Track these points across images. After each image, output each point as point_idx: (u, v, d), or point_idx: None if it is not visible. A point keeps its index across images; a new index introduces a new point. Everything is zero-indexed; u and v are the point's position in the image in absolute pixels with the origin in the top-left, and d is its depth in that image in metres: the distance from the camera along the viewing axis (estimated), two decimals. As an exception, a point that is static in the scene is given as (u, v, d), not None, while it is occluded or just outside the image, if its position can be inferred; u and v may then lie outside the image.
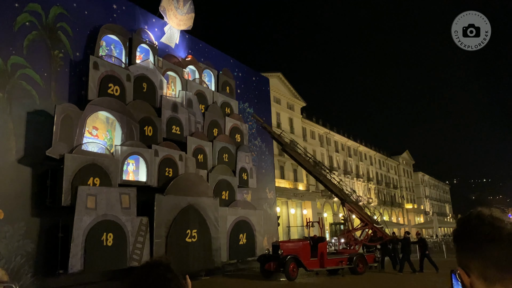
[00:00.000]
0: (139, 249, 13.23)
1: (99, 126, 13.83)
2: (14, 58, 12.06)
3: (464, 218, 1.25)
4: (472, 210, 1.24)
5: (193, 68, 19.24)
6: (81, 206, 11.77)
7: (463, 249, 1.21)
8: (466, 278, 1.18)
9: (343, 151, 58.97)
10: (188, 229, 14.93)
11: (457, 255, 1.24)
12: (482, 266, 1.14)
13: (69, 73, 13.64)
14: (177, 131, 16.62)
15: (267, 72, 37.54)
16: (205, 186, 16.42)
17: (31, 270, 11.32)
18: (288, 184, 41.91)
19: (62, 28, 13.64)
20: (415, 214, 78.41)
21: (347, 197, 20.24)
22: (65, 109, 12.45)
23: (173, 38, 18.72)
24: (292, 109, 47.25)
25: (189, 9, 19.57)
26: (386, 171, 73.35)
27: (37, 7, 12.95)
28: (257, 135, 23.07)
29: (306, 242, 16.51)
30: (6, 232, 10.90)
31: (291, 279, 14.80)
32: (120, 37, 15.42)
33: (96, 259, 11.91)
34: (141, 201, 13.74)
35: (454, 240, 1.26)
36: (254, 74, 25.04)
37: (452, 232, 1.29)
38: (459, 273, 1.21)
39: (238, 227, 17.71)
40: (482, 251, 1.14)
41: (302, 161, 20.52)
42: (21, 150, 11.77)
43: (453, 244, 1.28)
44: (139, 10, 17.25)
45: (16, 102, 11.87)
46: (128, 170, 14.20)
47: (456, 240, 1.24)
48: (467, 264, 1.18)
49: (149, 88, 15.95)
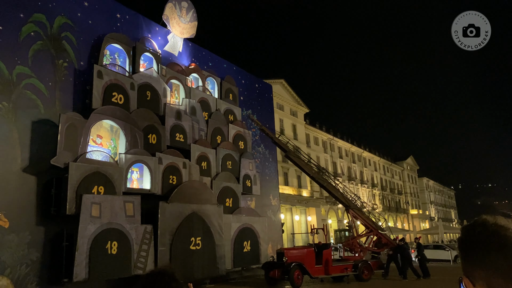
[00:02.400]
0: (143, 257, 13.21)
1: (103, 135, 13.89)
2: (19, 68, 12.17)
3: (469, 226, 1.23)
4: (477, 218, 1.23)
5: (196, 76, 19.33)
6: (85, 214, 11.78)
7: (467, 258, 1.20)
8: (471, 286, 1.17)
9: (347, 157, 58.85)
10: (192, 236, 14.91)
11: (462, 262, 1.23)
12: (487, 276, 1.12)
13: (74, 82, 13.73)
14: (180, 138, 16.66)
15: (270, 78, 37.68)
16: (209, 194, 16.41)
17: (36, 279, 11.32)
18: (292, 190, 41.82)
19: (66, 37, 13.76)
20: (420, 220, 77.91)
21: (351, 203, 20.16)
22: (69, 118, 12.53)
23: (176, 46, 18.85)
24: (296, 116, 47.28)
25: (192, 18, 19.72)
26: (390, 177, 73.08)
27: (42, 17, 13.09)
28: (260, 141, 23.08)
29: (311, 249, 16.44)
30: (11, 241, 10.92)
31: (296, 287, 14.70)
32: (124, 45, 15.54)
33: (100, 267, 11.90)
34: (145, 209, 13.74)
35: (459, 248, 1.25)
36: (257, 81, 25.12)
37: (457, 240, 1.29)
38: (464, 281, 1.20)
39: (242, 235, 17.66)
40: (487, 260, 1.13)
41: (303, 166, 20.48)
42: (26, 159, 11.83)
43: (458, 252, 1.28)
44: (143, 19, 17.40)
45: (21, 112, 11.96)
46: (132, 178, 14.23)
47: (461, 248, 1.23)
48: (472, 273, 1.17)
49: (153, 96, 16.03)
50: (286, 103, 45.63)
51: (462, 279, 1.24)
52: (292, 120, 46.32)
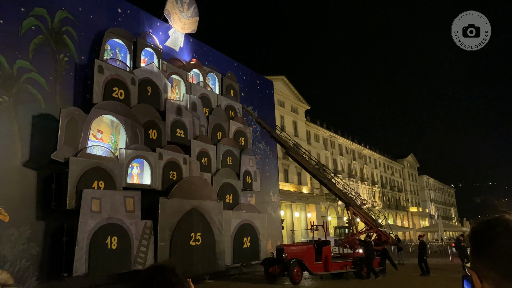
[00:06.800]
0: (143, 252, 13.23)
1: (103, 130, 13.88)
2: (20, 62, 12.14)
3: (488, 224, 1.18)
4: (498, 216, 1.18)
5: (197, 71, 19.29)
6: (85, 209, 11.79)
7: (480, 255, 1.15)
8: (478, 283, 1.14)
9: (348, 154, 58.85)
10: (192, 232, 14.92)
11: (472, 257, 1.19)
12: (498, 278, 1.09)
13: (74, 76, 13.71)
14: (181, 134, 16.65)
15: (271, 75, 37.59)
16: (209, 190, 16.42)
17: (35, 273, 11.34)
18: (292, 187, 41.85)
19: (67, 32, 13.72)
20: (420, 217, 77.99)
21: (351, 201, 20.16)
22: (70, 113, 12.51)
23: (177, 41, 18.79)
24: (296, 112, 47.23)
25: (194, 13, 19.65)
26: (390, 174, 73.10)
27: (43, 12, 13.04)
28: (261, 138, 23.06)
29: (311, 246, 16.46)
30: (11, 236, 10.94)
31: (295, 283, 14.74)
32: (124, 40, 15.50)
33: (100, 262, 11.91)
34: (145, 204, 13.74)
35: (472, 242, 1.20)
36: (258, 77, 25.08)
37: (470, 232, 1.23)
38: (471, 275, 1.17)
39: (242, 231, 17.68)
40: (500, 264, 1.09)
41: (301, 160, 20.44)
42: (26, 154, 11.83)
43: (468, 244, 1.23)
44: (144, 14, 17.34)
45: (21, 106, 11.94)
46: (132, 174, 14.23)
47: (475, 244, 1.19)
48: (482, 272, 1.14)
49: (154, 92, 16.00)
50: (287, 99, 45.57)
51: (466, 276, 1.21)
52: (293, 116, 46.28)
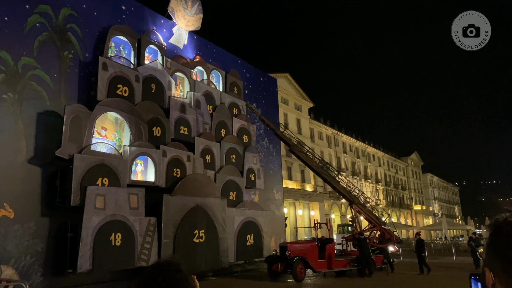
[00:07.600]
0: (147, 249, 13.28)
1: (108, 127, 13.92)
2: (25, 59, 12.18)
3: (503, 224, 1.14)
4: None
5: (201, 69, 19.29)
6: (90, 206, 11.84)
7: (498, 256, 1.11)
8: (490, 279, 1.12)
9: (351, 152, 58.72)
10: (195, 229, 14.96)
11: (488, 256, 1.16)
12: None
13: (79, 74, 13.75)
14: (185, 131, 16.67)
15: (274, 72, 37.53)
16: (212, 187, 16.44)
17: (40, 270, 11.41)
18: (295, 185, 41.82)
19: (71, 29, 13.75)
20: (423, 215, 77.80)
21: (355, 198, 20.12)
22: (74, 110, 12.55)
23: (181, 39, 18.79)
24: (300, 110, 47.15)
25: (198, 10, 19.63)
26: (394, 173, 72.91)
27: (47, 9, 13.07)
28: (264, 136, 23.05)
29: (314, 243, 16.45)
30: (16, 232, 11.01)
31: (298, 280, 14.75)
32: (129, 38, 15.52)
33: (104, 259, 11.98)
34: (149, 202, 13.79)
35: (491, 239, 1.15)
36: (261, 74, 25.04)
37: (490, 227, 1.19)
38: (485, 272, 1.14)
39: (246, 228, 17.71)
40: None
41: (304, 158, 20.40)
42: (31, 151, 11.88)
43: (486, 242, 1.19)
44: (148, 11, 17.34)
45: (26, 103, 11.99)
46: (136, 171, 14.27)
47: (493, 243, 1.15)
48: (497, 271, 1.11)
49: (158, 89, 16.02)
50: (291, 97, 45.49)
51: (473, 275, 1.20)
52: (297, 114, 46.20)
